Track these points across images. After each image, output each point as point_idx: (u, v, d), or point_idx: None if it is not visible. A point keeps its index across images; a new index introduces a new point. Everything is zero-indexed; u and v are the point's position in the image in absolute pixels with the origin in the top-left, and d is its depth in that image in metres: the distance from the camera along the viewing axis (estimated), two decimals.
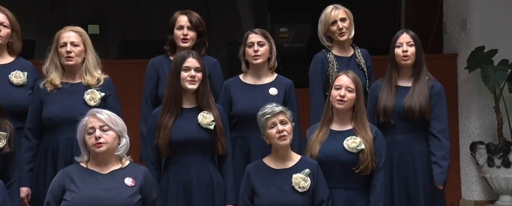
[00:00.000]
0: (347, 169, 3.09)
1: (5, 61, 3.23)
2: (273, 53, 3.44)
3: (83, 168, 2.82)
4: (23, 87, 3.21)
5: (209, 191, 3.09)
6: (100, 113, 2.82)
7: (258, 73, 3.45)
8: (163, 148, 3.05)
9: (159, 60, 3.51)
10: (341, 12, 3.59)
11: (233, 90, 3.42)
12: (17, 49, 3.29)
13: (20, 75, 3.20)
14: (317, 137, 3.14)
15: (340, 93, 3.13)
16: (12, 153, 2.88)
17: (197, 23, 3.46)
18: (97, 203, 2.72)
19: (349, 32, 3.61)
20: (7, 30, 3.22)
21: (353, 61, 3.63)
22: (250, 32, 3.44)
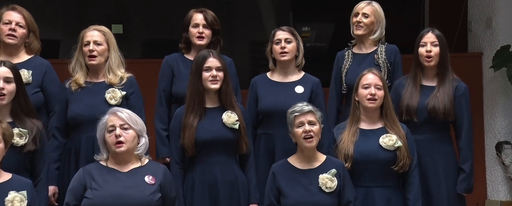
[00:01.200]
0: (384, 167, 3.07)
1: (19, 61, 3.26)
2: (300, 51, 3.44)
3: (103, 166, 2.84)
4: (28, 86, 3.21)
5: (234, 190, 3.10)
6: (120, 111, 2.84)
7: (285, 71, 3.44)
8: (189, 148, 3.06)
9: (173, 58, 3.52)
10: (368, 8, 3.57)
11: (260, 88, 3.43)
12: (35, 49, 3.31)
13: (24, 74, 3.21)
14: (348, 136, 3.11)
15: (370, 92, 3.10)
16: (39, 151, 2.92)
17: (212, 21, 3.47)
18: (119, 200, 2.74)
19: (369, 29, 3.58)
20: (23, 30, 3.25)
21: (370, 58, 3.60)
22: (278, 29, 3.44)
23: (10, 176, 2.71)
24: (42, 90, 3.26)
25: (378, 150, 3.08)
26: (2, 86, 2.85)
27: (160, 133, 3.37)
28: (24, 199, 2.65)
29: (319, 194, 2.98)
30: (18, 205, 2.64)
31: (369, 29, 3.58)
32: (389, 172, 3.08)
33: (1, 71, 2.87)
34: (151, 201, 2.77)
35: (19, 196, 2.65)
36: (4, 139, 2.67)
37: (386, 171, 3.08)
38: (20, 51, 3.28)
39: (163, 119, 3.38)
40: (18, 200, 2.64)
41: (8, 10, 3.25)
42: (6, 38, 3.21)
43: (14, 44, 3.23)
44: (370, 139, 3.12)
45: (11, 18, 3.22)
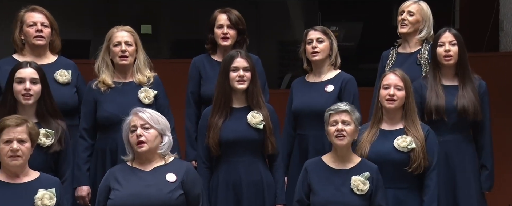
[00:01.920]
0: (398, 168, 3.05)
1: (49, 61, 3.30)
2: (334, 50, 3.41)
3: (128, 166, 2.86)
4: (68, 86, 3.27)
5: (259, 190, 3.10)
6: (142, 111, 2.86)
7: (318, 71, 3.43)
8: (213, 147, 3.07)
9: (200, 59, 3.53)
10: (413, 6, 3.53)
11: (295, 89, 3.44)
12: (57, 47, 3.34)
13: (65, 74, 3.26)
14: (367, 137, 3.10)
15: (389, 93, 3.08)
16: (63, 151, 2.96)
17: (236, 21, 3.46)
18: (138, 199, 2.76)
19: (413, 28, 3.53)
20: (48, 30, 3.27)
21: (413, 58, 3.55)
22: (310, 29, 3.43)
23: (38, 175, 2.76)
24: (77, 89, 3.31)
25: (391, 151, 3.06)
26: (28, 87, 2.88)
27: (189, 136, 3.39)
28: (53, 197, 2.70)
29: (350, 195, 2.97)
30: (48, 202, 2.68)
31: (414, 27, 3.54)
32: (404, 174, 3.05)
33: (27, 72, 2.90)
34: (170, 199, 2.78)
35: (49, 193, 2.69)
36: (31, 138, 2.70)
37: (400, 172, 3.05)
38: (47, 51, 3.32)
39: (191, 121, 3.40)
40: (48, 197, 2.68)
41: (28, 11, 3.27)
42: (35, 40, 3.24)
43: (43, 45, 3.27)
44: (387, 140, 3.09)
45: (35, 20, 3.24)
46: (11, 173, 2.69)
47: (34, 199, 2.67)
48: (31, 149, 2.71)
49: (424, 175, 3.07)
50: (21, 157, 2.66)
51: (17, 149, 2.65)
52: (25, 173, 2.72)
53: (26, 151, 2.68)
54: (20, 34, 3.26)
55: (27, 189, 2.69)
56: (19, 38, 3.27)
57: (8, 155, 2.65)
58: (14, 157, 2.65)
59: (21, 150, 2.66)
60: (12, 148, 2.64)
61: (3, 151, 2.65)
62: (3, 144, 2.66)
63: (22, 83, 2.89)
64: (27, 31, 3.24)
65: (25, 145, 2.68)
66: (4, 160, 2.67)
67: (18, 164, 2.67)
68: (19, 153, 2.66)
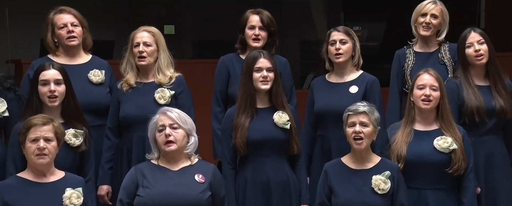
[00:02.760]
0: (438, 169, 3.02)
1: (83, 61, 3.33)
2: (357, 51, 3.39)
3: (154, 165, 2.88)
4: (102, 85, 3.30)
5: (286, 190, 3.10)
6: (170, 111, 2.87)
7: (341, 71, 3.41)
8: (241, 147, 3.07)
9: (229, 59, 3.52)
10: (436, 9, 3.49)
11: (316, 89, 3.42)
12: (89, 44, 3.37)
13: (99, 74, 3.29)
14: (402, 137, 3.06)
15: (424, 93, 3.05)
16: (87, 151, 2.99)
17: (268, 23, 3.46)
18: (170, 198, 2.77)
19: (436, 30, 3.51)
20: (79, 28, 3.29)
21: (435, 57, 3.52)
22: (333, 30, 3.41)
23: (64, 174, 2.78)
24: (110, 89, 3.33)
25: (432, 152, 3.02)
26: (53, 88, 2.91)
27: (217, 133, 3.39)
28: (80, 196, 2.72)
29: (371, 195, 2.94)
30: (75, 201, 2.70)
31: (436, 29, 3.52)
32: (443, 175, 3.02)
33: (51, 74, 2.92)
34: (201, 200, 2.80)
35: (76, 192, 2.72)
36: (57, 137, 2.73)
37: (440, 173, 3.02)
38: (80, 50, 3.35)
39: (219, 119, 3.40)
40: (75, 196, 2.71)
41: (56, 13, 3.29)
42: (68, 41, 3.27)
43: (76, 45, 3.30)
44: (424, 140, 3.06)
45: (64, 21, 3.27)
46: (38, 172, 2.72)
47: (62, 198, 2.69)
48: (57, 147, 2.73)
49: (462, 176, 3.03)
50: (47, 155, 2.69)
51: (43, 147, 2.67)
52: (51, 172, 2.75)
53: (52, 150, 2.70)
54: (52, 37, 3.30)
55: (54, 188, 2.71)
56: (51, 41, 3.31)
57: (35, 154, 2.68)
58: (41, 155, 2.68)
59: (47, 149, 2.69)
60: (38, 146, 2.67)
61: (30, 149, 2.68)
62: (30, 142, 2.69)
63: (46, 85, 2.91)
64: (59, 33, 3.27)
65: (51, 143, 2.70)
66: (31, 158, 2.70)
67: (44, 162, 2.70)
68: (45, 152, 2.68)
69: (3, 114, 2.93)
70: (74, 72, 3.08)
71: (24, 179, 2.71)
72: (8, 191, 2.67)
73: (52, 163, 2.74)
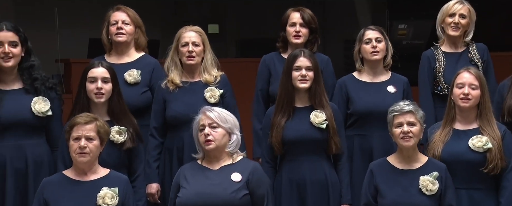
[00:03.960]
0: (473, 169, 2.97)
1: (129, 60, 3.38)
2: (389, 51, 3.39)
3: (197, 165, 2.90)
4: (136, 86, 3.33)
5: (323, 190, 3.08)
6: (210, 110, 2.89)
7: (374, 71, 3.39)
8: (276, 146, 3.08)
9: (270, 57, 3.54)
10: (464, 9, 3.47)
11: (350, 89, 3.39)
12: (142, 44, 3.42)
13: (133, 74, 3.32)
14: (440, 136, 3.03)
15: (463, 92, 3.00)
16: (135, 149, 3.03)
17: (309, 20, 3.46)
18: (203, 198, 2.79)
19: (464, 30, 3.48)
20: (129, 27, 3.36)
21: (465, 57, 3.48)
22: (366, 28, 3.41)
23: (107, 172, 2.81)
24: (150, 89, 3.37)
25: (466, 151, 2.98)
26: (100, 86, 2.96)
27: (257, 132, 3.40)
28: (115, 196, 2.73)
29: (419, 196, 2.91)
30: (109, 201, 2.72)
31: (464, 29, 3.49)
32: (480, 174, 2.96)
33: (99, 72, 2.98)
34: (234, 199, 2.80)
35: (111, 192, 2.73)
36: (99, 136, 2.76)
37: (475, 173, 2.96)
38: (130, 49, 3.40)
39: (260, 118, 3.41)
40: (109, 196, 2.72)
41: (113, 11, 3.39)
42: (116, 37, 3.34)
43: (124, 42, 3.35)
44: (461, 140, 3.01)
45: (116, 18, 3.35)
46: (80, 170, 2.76)
47: (96, 197, 2.72)
48: (99, 146, 2.77)
49: (501, 176, 2.97)
50: (88, 154, 2.72)
51: (84, 146, 2.71)
52: (93, 171, 2.78)
53: (93, 149, 2.74)
54: (107, 34, 3.38)
55: (92, 187, 2.74)
56: (106, 38, 3.38)
57: (77, 152, 2.72)
58: (82, 154, 2.72)
59: (88, 147, 2.72)
60: (80, 145, 2.71)
61: (72, 147, 2.73)
62: (73, 140, 2.74)
63: (94, 83, 2.97)
64: (110, 29, 3.36)
65: (93, 142, 2.74)
66: (73, 156, 2.74)
67: (85, 160, 2.73)
68: (87, 150, 2.72)
69: (47, 112, 3.00)
70: (117, 71, 3.13)
71: (66, 176, 2.77)
72: (49, 187, 2.73)
73: (95, 162, 2.78)
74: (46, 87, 3.03)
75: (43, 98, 2.99)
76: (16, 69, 3.00)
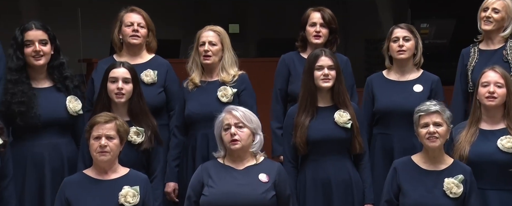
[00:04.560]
0: (502, 170, 2.93)
1: (142, 61, 3.39)
2: (419, 49, 3.35)
3: (220, 164, 2.91)
4: (153, 86, 3.34)
5: (348, 189, 3.08)
6: (235, 110, 2.89)
7: (402, 70, 3.37)
8: (301, 146, 3.07)
9: (290, 57, 3.53)
10: (498, 3, 3.39)
11: (376, 87, 3.38)
12: (153, 47, 3.44)
13: (150, 74, 3.34)
14: (466, 137, 2.99)
15: (488, 90, 2.96)
16: (154, 149, 3.04)
17: (329, 20, 3.45)
18: (233, 198, 2.80)
19: (498, 25, 3.40)
20: (144, 30, 3.37)
21: (499, 55, 3.41)
22: (396, 26, 3.38)
23: (127, 171, 2.84)
24: (164, 89, 3.39)
25: (495, 151, 2.93)
26: (121, 86, 2.98)
27: (276, 132, 3.40)
28: (136, 194, 2.75)
29: (443, 198, 2.87)
30: (131, 199, 2.74)
31: (498, 25, 3.41)
32: (509, 175, 2.93)
33: (120, 72, 3.01)
34: (264, 200, 2.81)
35: (132, 191, 2.75)
36: (119, 135, 2.79)
37: (505, 174, 2.93)
38: (142, 51, 3.42)
39: (278, 118, 3.41)
40: (131, 195, 2.75)
41: (127, 12, 3.39)
42: (131, 39, 3.36)
43: (138, 44, 3.38)
44: (489, 140, 2.97)
45: (132, 20, 3.36)
46: (100, 169, 2.79)
47: (118, 196, 2.74)
48: (119, 145, 2.79)
49: None
50: (109, 153, 2.75)
51: (105, 145, 2.74)
52: (114, 170, 2.80)
53: (114, 147, 2.76)
54: (118, 34, 3.39)
55: (113, 185, 2.76)
56: (117, 38, 3.40)
57: (97, 151, 2.75)
58: (102, 152, 2.74)
59: (109, 146, 2.75)
60: (100, 144, 2.74)
61: (93, 146, 2.76)
62: (93, 140, 2.76)
63: (115, 83, 3.00)
64: (124, 30, 3.36)
65: (113, 141, 2.76)
66: (94, 155, 2.77)
67: (105, 159, 2.76)
68: (107, 149, 2.74)
69: (79, 111, 3.04)
70: None
71: (87, 175, 2.79)
72: (70, 186, 2.76)
73: (115, 160, 2.80)
74: (74, 85, 3.07)
75: (74, 97, 3.04)
76: (46, 68, 3.04)
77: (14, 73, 2.99)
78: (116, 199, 2.73)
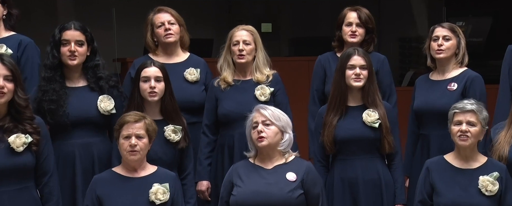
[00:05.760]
0: None
1: (180, 59, 3.42)
2: (461, 48, 3.29)
3: (250, 163, 2.92)
4: (197, 84, 3.37)
5: (376, 189, 3.05)
6: (264, 108, 2.89)
7: (442, 69, 3.32)
8: (328, 145, 3.06)
9: (326, 57, 3.52)
10: None
11: (418, 87, 3.36)
12: (186, 42, 3.45)
13: (194, 72, 3.37)
14: (505, 137, 2.93)
15: None
16: (186, 147, 3.07)
17: (366, 20, 3.42)
18: (259, 197, 2.80)
19: None
20: (176, 26, 3.39)
21: None
22: (437, 25, 3.33)
23: (155, 169, 2.86)
24: (205, 87, 3.40)
25: None
26: (153, 85, 3.00)
27: (312, 133, 3.39)
28: (166, 191, 2.77)
29: (478, 196, 2.83)
30: (161, 197, 2.76)
31: None
32: None
33: (152, 71, 3.02)
34: (290, 198, 2.80)
35: (162, 188, 2.77)
36: (148, 135, 2.80)
37: None
38: (178, 48, 3.44)
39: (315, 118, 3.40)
40: (161, 192, 2.76)
41: (155, 14, 3.40)
42: (165, 39, 3.38)
43: (173, 42, 3.40)
44: None
45: (162, 20, 3.38)
46: (130, 167, 2.81)
47: (149, 193, 2.76)
48: (148, 144, 2.81)
49: None
50: (138, 152, 2.77)
51: (135, 144, 2.76)
52: (143, 168, 2.82)
53: (143, 147, 2.78)
54: (152, 37, 3.42)
55: (143, 183, 2.78)
56: (151, 41, 3.42)
57: (127, 150, 2.77)
58: (132, 152, 2.76)
59: (138, 146, 2.76)
60: (130, 143, 2.76)
61: (123, 146, 2.78)
62: (123, 139, 2.78)
63: (147, 82, 3.02)
64: (157, 32, 3.39)
65: (142, 140, 2.78)
66: (124, 154, 2.79)
67: (135, 158, 2.78)
68: (137, 148, 2.76)
69: (111, 111, 3.06)
70: (171, 71, 3.16)
71: (117, 173, 2.82)
72: (100, 184, 2.79)
73: (144, 159, 2.83)
74: (109, 85, 3.09)
75: (107, 96, 3.06)
76: (80, 68, 3.08)
77: (49, 71, 3.03)
78: (146, 196, 2.76)
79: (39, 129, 2.69)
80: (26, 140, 2.64)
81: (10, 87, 2.62)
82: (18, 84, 2.65)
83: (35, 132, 2.67)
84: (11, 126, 2.63)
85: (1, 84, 2.60)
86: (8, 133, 2.63)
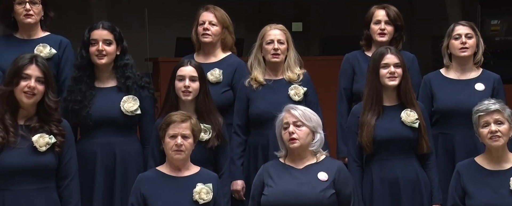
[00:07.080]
0: None
1: (214, 60, 3.42)
2: (480, 47, 3.27)
3: (281, 163, 2.92)
4: (218, 85, 3.35)
5: (416, 188, 3.03)
6: (294, 108, 2.89)
7: (462, 68, 3.29)
8: (367, 146, 3.03)
9: (354, 56, 3.50)
10: None
11: (435, 86, 3.31)
12: (228, 44, 3.45)
13: (215, 73, 3.36)
14: None
15: None
16: (221, 146, 3.08)
17: (395, 17, 3.39)
18: (291, 197, 2.80)
19: None
20: (216, 28, 3.39)
21: None
22: (457, 24, 3.31)
23: (199, 169, 2.89)
24: (231, 88, 3.40)
25: None
26: (188, 84, 3.03)
27: (341, 132, 3.37)
28: (210, 191, 2.81)
29: (510, 197, 2.81)
30: (204, 196, 2.80)
31: None
32: None
33: (187, 70, 3.05)
34: (323, 198, 2.80)
35: (206, 188, 2.81)
36: (193, 134, 2.84)
37: None
38: (216, 49, 3.44)
39: (344, 117, 3.38)
40: (205, 192, 2.80)
41: (202, 11, 3.43)
42: (202, 37, 3.39)
43: (210, 42, 3.41)
44: None
45: (204, 19, 3.40)
46: (174, 166, 2.85)
47: (193, 193, 2.80)
48: (193, 144, 2.85)
49: None
50: (184, 152, 2.81)
51: (181, 144, 2.79)
52: (187, 167, 2.86)
53: (188, 146, 2.82)
54: (195, 33, 3.44)
55: (187, 182, 2.82)
56: (195, 37, 3.44)
57: (173, 149, 2.81)
58: (178, 151, 2.80)
59: (184, 145, 2.80)
60: (176, 142, 2.80)
61: (169, 145, 2.82)
62: (169, 138, 2.82)
63: (182, 81, 3.05)
64: (198, 29, 3.42)
65: (188, 140, 2.82)
66: (169, 153, 2.83)
67: (181, 158, 2.82)
68: (183, 148, 2.80)
69: (135, 111, 3.06)
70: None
71: (161, 172, 2.85)
72: (145, 183, 2.82)
73: (188, 159, 2.86)
74: (138, 85, 3.10)
75: (133, 97, 3.06)
76: (111, 67, 3.10)
77: (77, 71, 3.07)
78: (190, 195, 2.79)
79: (64, 132, 2.70)
80: (50, 140, 2.65)
81: (40, 89, 2.65)
82: (50, 87, 2.68)
83: (60, 134, 2.68)
84: (37, 126, 2.66)
85: (33, 86, 2.63)
86: (34, 132, 2.65)
